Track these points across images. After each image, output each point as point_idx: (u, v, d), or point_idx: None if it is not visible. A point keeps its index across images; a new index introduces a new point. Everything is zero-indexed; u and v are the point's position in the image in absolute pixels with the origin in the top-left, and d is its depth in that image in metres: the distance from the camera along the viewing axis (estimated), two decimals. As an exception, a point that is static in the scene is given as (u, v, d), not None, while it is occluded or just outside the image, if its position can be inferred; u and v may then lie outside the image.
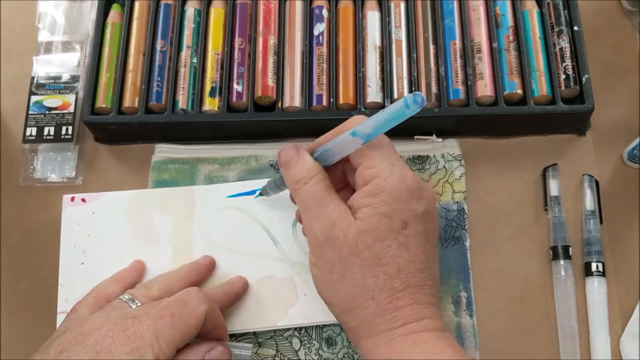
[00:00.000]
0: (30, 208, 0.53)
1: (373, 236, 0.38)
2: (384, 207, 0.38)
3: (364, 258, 0.38)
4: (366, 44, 0.54)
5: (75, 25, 0.59)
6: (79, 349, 0.36)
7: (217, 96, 0.53)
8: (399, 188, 0.38)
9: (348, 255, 0.38)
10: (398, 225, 0.38)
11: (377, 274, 0.38)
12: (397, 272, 0.38)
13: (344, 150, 0.40)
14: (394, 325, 0.37)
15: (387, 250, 0.38)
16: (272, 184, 0.47)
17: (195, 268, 0.47)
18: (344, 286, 0.38)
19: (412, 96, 0.36)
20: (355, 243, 0.38)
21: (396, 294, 0.38)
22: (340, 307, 0.39)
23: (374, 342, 0.38)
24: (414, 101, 0.36)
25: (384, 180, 0.38)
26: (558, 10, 0.54)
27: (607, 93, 0.55)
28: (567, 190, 0.52)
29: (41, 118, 0.54)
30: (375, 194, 0.38)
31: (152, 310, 0.38)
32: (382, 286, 0.38)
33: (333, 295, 0.40)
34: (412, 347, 0.36)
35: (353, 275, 0.38)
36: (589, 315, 0.48)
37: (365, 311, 0.38)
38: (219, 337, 0.42)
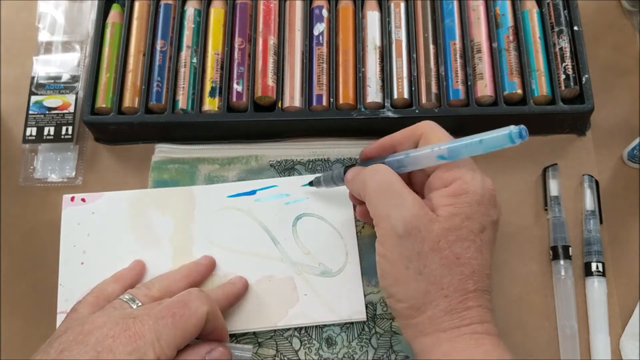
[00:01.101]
0: (30, 208, 0.53)
1: (455, 235, 0.38)
2: (467, 209, 0.38)
3: (444, 256, 0.37)
4: (366, 44, 0.54)
5: (75, 25, 0.59)
6: (79, 349, 0.36)
7: (217, 96, 0.53)
8: (481, 192, 0.39)
9: (428, 251, 0.37)
10: (477, 228, 0.38)
11: (454, 273, 0.37)
12: (472, 274, 0.38)
13: (420, 165, 0.41)
14: (461, 324, 0.37)
15: (466, 251, 0.38)
16: (328, 177, 0.47)
17: (196, 268, 0.47)
18: (419, 283, 0.38)
19: (517, 130, 0.35)
20: (438, 239, 0.37)
21: (467, 295, 0.38)
22: (409, 303, 0.38)
23: (437, 338, 0.37)
24: (519, 135, 0.35)
25: (466, 182, 0.38)
26: (558, 10, 0.54)
27: (607, 93, 0.55)
28: (567, 190, 0.52)
29: (41, 118, 0.54)
30: (458, 194, 0.38)
31: (154, 311, 0.38)
32: (457, 285, 0.37)
33: (405, 291, 0.38)
34: (475, 347, 0.37)
35: (431, 272, 0.37)
36: (589, 315, 0.48)
37: (437, 308, 0.38)
38: (220, 338, 0.42)
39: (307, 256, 0.48)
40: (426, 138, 0.41)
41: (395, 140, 0.43)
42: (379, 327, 0.47)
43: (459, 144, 0.38)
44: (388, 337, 0.47)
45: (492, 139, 0.37)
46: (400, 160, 0.41)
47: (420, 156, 0.40)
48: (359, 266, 0.48)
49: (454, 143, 0.38)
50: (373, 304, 0.48)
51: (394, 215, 0.38)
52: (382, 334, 0.47)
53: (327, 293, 0.47)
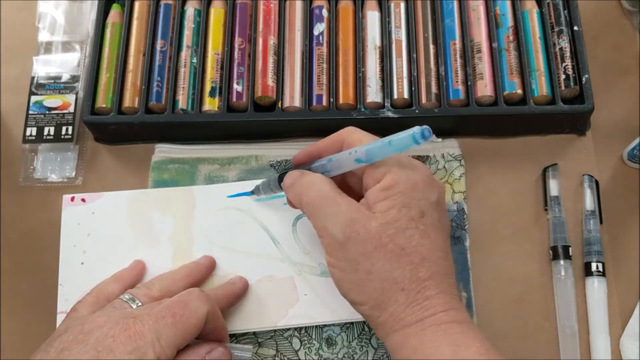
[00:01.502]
0: (30, 208, 0.53)
1: (395, 227, 0.37)
2: (402, 198, 0.38)
3: (388, 250, 0.37)
4: (366, 44, 0.54)
5: (75, 25, 0.59)
6: (79, 348, 0.36)
7: (217, 96, 0.53)
8: (413, 177, 0.39)
9: (372, 250, 0.37)
10: (417, 214, 0.38)
11: (403, 264, 0.37)
12: (422, 261, 0.37)
13: (343, 169, 0.41)
14: (424, 315, 0.37)
15: (410, 239, 0.37)
16: (265, 185, 0.47)
17: (196, 268, 0.47)
18: (372, 282, 0.38)
19: (419, 132, 0.35)
20: (379, 236, 0.37)
21: (423, 283, 0.37)
22: (370, 304, 0.38)
23: (405, 334, 0.37)
24: (422, 135, 0.36)
25: (395, 173, 0.38)
26: (558, 10, 0.54)
27: (607, 93, 0.55)
28: (567, 190, 0.52)
29: (41, 118, 0.54)
30: (391, 186, 0.38)
31: (154, 310, 0.38)
32: (410, 276, 0.37)
33: (362, 294, 0.39)
34: (442, 338, 0.36)
35: (380, 269, 0.37)
36: (589, 315, 0.48)
37: (397, 303, 0.37)
38: (220, 338, 0.42)
39: (307, 256, 0.48)
40: (347, 142, 0.41)
41: (320, 148, 0.43)
42: (379, 327, 0.47)
43: (371, 147, 0.38)
44: (388, 337, 0.47)
45: (399, 140, 0.37)
46: (324, 165, 0.42)
47: (340, 159, 0.40)
48: None
49: (367, 146, 0.39)
50: (373, 304, 0.48)
51: (330, 225, 0.39)
52: (382, 334, 0.47)
53: (327, 293, 0.47)
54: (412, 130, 0.36)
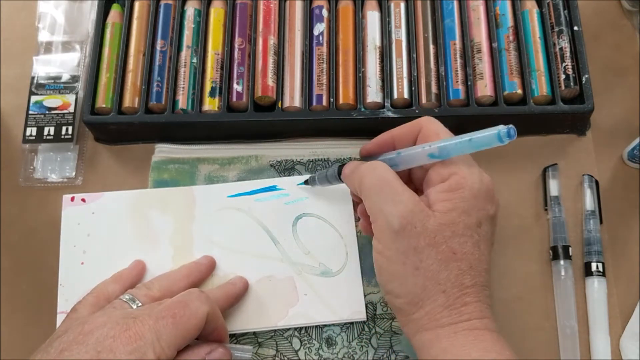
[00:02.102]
0: (30, 208, 0.53)
1: (451, 230, 0.37)
2: (464, 204, 0.38)
3: (440, 251, 0.37)
4: (366, 44, 0.54)
5: (75, 25, 0.59)
6: (80, 349, 0.36)
7: (217, 96, 0.53)
8: (478, 187, 0.39)
9: (425, 247, 0.37)
10: (474, 223, 0.38)
11: (451, 268, 0.37)
12: (469, 269, 0.38)
13: (413, 164, 0.41)
14: (460, 319, 0.37)
15: (463, 246, 0.38)
16: (322, 175, 0.47)
17: (196, 268, 0.47)
18: (416, 278, 0.38)
19: (506, 130, 0.36)
20: (434, 235, 0.37)
21: (465, 290, 0.38)
22: (407, 298, 0.38)
23: (436, 334, 0.37)
24: (507, 134, 0.36)
25: (463, 177, 0.38)
26: (558, 10, 0.54)
27: (607, 93, 0.55)
28: (567, 190, 0.52)
29: (41, 118, 0.54)
30: (454, 189, 0.38)
31: (154, 311, 0.38)
32: (454, 281, 0.37)
33: (401, 287, 0.38)
34: (474, 343, 0.37)
35: (428, 267, 0.37)
36: (589, 315, 0.48)
37: (435, 303, 0.38)
38: (220, 338, 0.42)
39: (307, 256, 0.48)
40: (424, 134, 0.41)
41: (394, 136, 0.43)
42: (379, 327, 0.47)
43: (448, 143, 0.38)
44: (388, 337, 0.47)
45: (481, 138, 0.37)
46: (392, 159, 0.42)
47: (412, 155, 0.40)
48: (359, 266, 0.48)
49: (444, 142, 0.39)
50: (373, 304, 0.48)
51: (389, 211, 0.38)
52: (382, 334, 0.47)
53: (327, 293, 0.47)
54: (497, 128, 0.36)
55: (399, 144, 0.43)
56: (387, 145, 0.44)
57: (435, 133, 0.40)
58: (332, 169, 0.46)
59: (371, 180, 0.40)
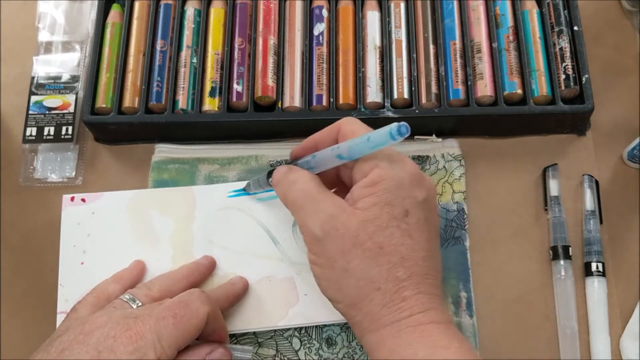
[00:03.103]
0: (30, 208, 0.53)
1: (375, 225, 0.37)
2: (386, 195, 0.37)
3: (366, 248, 0.37)
4: (366, 44, 0.54)
5: (75, 25, 0.59)
6: (80, 348, 0.36)
7: (217, 96, 0.53)
8: (400, 175, 0.38)
9: (350, 247, 0.37)
10: (400, 213, 0.37)
11: (381, 263, 0.37)
12: (401, 261, 0.37)
13: (327, 165, 0.40)
14: (401, 316, 0.36)
15: (390, 238, 0.37)
16: (255, 181, 0.47)
17: (196, 268, 0.47)
18: (348, 280, 0.37)
19: (396, 127, 0.35)
20: (357, 234, 0.37)
21: (401, 283, 0.37)
22: (345, 302, 0.38)
23: (381, 335, 0.37)
24: (399, 132, 0.35)
25: (384, 169, 0.38)
26: (558, 10, 0.54)
27: (607, 93, 0.55)
28: (567, 190, 0.52)
29: (41, 118, 0.54)
30: (376, 182, 0.38)
31: (155, 311, 0.38)
32: (387, 276, 0.37)
33: (337, 291, 0.38)
34: (419, 340, 0.36)
35: (356, 267, 0.37)
36: (589, 315, 0.48)
37: (372, 303, 0.37)
38: (220, 338, 0.42)
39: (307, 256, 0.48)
40: (342, 135, 0.41)
41: (317, 140, 0.43)
42: (379, 327, 0.47)
43: (351, 143, 0.38)
44: (388, 337, 0.47)
45: (376, 136, 0.36)
46: (308, 161, 0.41)
47: (323, 157, 0.40)
48: None
49: (349, 142, 0.38)
50: (373, 304, 0.48)
51: (311, 222, 0.38)
52: (382, 334, 0.47)
53: (327, 293, 0.47)
54: (390, 126, 0.35)
55: (321, 147, 0.42)
56: (310, 150, 0.43)
57: (351, 132, 0.40)
58: (263, 175, 0.45)
59: (292, 196, 0.40)
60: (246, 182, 0.51)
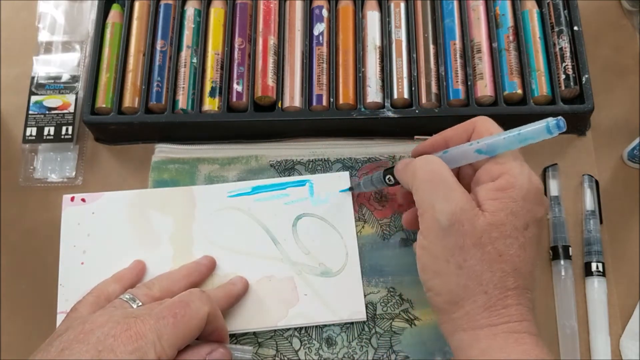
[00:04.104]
0: (30, 208, 0.53)
1: (499, 231, 0.37)
2: (512, 204, 0.37)
3: (486, 252, 0.37)
4: (366, 44, 0.54)
5: (75, 25, 0.59)
6: (80, 348, 0.36)
7: (217, 96, 0.53)
8: (527, 187, 0.38)
9: (470, 246, 0.37)
10: (521, 225, 0.38)
11: (495, 270, 0.37)
12: (513, 272, 0.37)
13: (462, 162, 0.40)
14: (499, 321, 0.37)
15: (509, 248, 0.37)
16: (367, 180, 0.47)
17: (196, 268, 0.47)
18: (459, 277, 0.37)
19: (555, 122, 0.35)
20: (481, 235, 0.37)
21: (507, 292, 0.37)
22: (447, 297, 0.38)
23: (476, 335, 0.37)
24: (557, 126, 0.35)
25: (513, 177, 0.38)
26: (558, 10, 0.54)
27: (607, 93, 0.55)
28: (567, 190, 0.52)
29: (41, 118, 0.54)
30: (504, 189, 0.38)
31: (155, 310, 0.38)
32: (497, 282, 0.37)
33: (444, 285, 0.38)
34: (513, 346, 0.36)
35: (472, 267, 0.37)
36: (589, 315, 0.48)
37: (475, 304, 0.37)
38: (220, 338, 0.42)
39: (307, 256, 0.48)
40: (477, 132, 0.41)
41: (446, 137, 0.43)
42: (379, 327, 0.47)
43: (496, 139, 0.38)
44: (388, 337, 0.47)
45: (530, 131, 0.37)
46: (439, 157, 0.41)
47: (460, 152, 0.40)
48: (359, 266, 0.48)
49: (491, 138, 0.38)
50: (373, 304, 0.48)
51: (439, 207, 0.38)
52: (382, 334, 0.47)
53: (327, 293, 0.47)
54: (546, 120, 0.35)
55: (451, 145, 0.42)
56: (440, 147, 0.43)
57: (487, 130, 0.40)
58: (378, 174, 0.46)
59: (424, 174, 0.39)
60: (247, 181, 0.51)
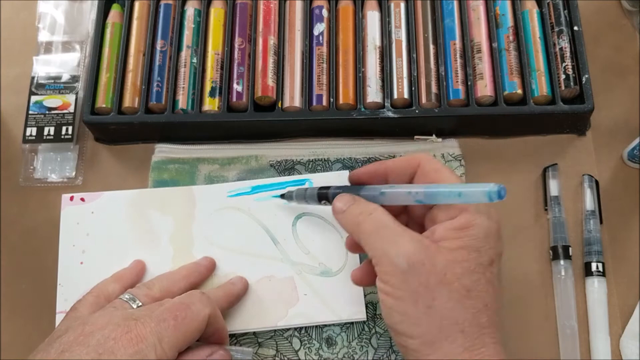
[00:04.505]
0: (30, 208, 0.53)
1: (463, 267, 0.36)
2: (474, 242, 0.37)
3: (453, 289, 0.36)
4: (366, 44, 0.54)
5: (75, 25, 0.59)
6: (80, 350, 0.36)
7: (217, 96, 0.53)
8: (488, 225, 0.38)
9: (436, 285, 0.36)
10: (486, 261, 0.37)
11: (467, 306, 0.36)
12: (485, 308, 0.36)
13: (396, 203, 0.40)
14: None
15: (477, 284, 0.36)
16: (300, 194, 0.46)
17: (196, 269, 0.47)
18: (431, 318, 0.36)
19: (496, 190, 0.34)
20: (444, 272, 0.36)
21: (483, 330, 0.36)
22: (422, 339, 0.36)
23: None
24: (498, 194, 0.34)
25: (473, 215, 0.37)
26: (558, 10, 0.54)
27: (607, 93, 0.55)
28: (567, 190, 0.52)
29: (41, 118, 0.54)
30: (464, 228, 0.37)
31: (155, 313, 0.38)
32: (471, 320, 0.36)
33: (415, 327, 0.36)
34: None
35: (443, 306, 0.36)
36: (589, 315, 0.48)
37: (454, 344, 0.36)
38: (220, 340, 0.42)
39: (307, 256, 0.48)
40: (424, 172, 0.40)
41: (388, 168, 0.42)
42: (379, 327, 0.47)
43: (436, 191, 0.37)
44: (388, 337, 0.47)
45: (471, 193, 0.35)
46: (375, 197, 0.40)
47: (398, 197, 0.39)
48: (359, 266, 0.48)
49: (432, 189, 0.37)
50: (373, 304, 0.48)
51: (393, 252, 0.37)
52: (382, 334, 0.47)
53: (327, 293, 0.47)
54: (487, 187, 0.34)
55: (392, 178, 0.41)
56: (379, 177, 0.42)
57: (435, 172, 0.39)
58: (312, 191, 0.45)
59: (367, 226, 0.39)
60: (247, 181, 0.51)
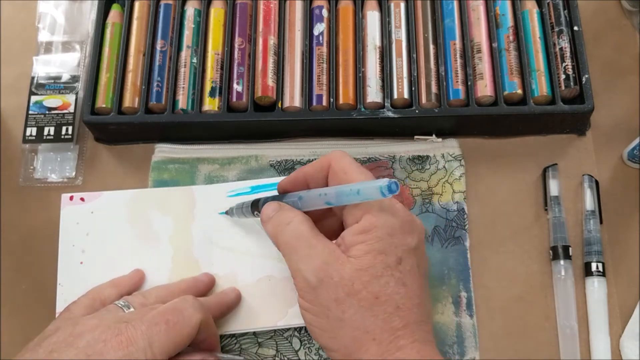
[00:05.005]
0: (30, 208, 0.53)
1: (369, 274, 0.36)
2: (379, 243, 0.37)
3: (361, 298, 0.36)
4: (366, 44, 0.54)
5: (75, 25, 0.59)
6: (69, 351, 0.36)
7: (217, 96, 0.53)
8: (391, 222, 0.37)
9: (345, 297, 0.36)
10: (393, 261, 0.37)
11: (376, 313, 0.36)
12: (396, 310, 0.36)
13: (316, 207, 0.40)
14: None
15: (385, 287, 0.36)
16: (239, 209, 0.46)
17: (195, 284, 0.46)
18: (343, 330, 0.36)
19: (387, 185, 0.34)
20: (352, 282, 0.36)
21: (397, 333, 0.36)
22: (341, 352, 0.37)
23: None
24: (389, 190, 0.34)
25: (375, 216, 0.37)
26: (558, 10, 0.54)
27: (607, 93, 0.55)
28: (567, 190, 0.52)
29: (41, 118, 0.54)
30: (367, 230, 0.37)
31: (147, 316, 0.38)
32: (383, 325, 0.36)
33: (332, 340, 0.37)
34: None
35: (352, 317, 0.36)
36: (589, 315, 0.48)
37: (368, 353, 0.36)
38: (211, 347, 0.41)
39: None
40: (333, 172, 0.40)
41: (306, 173, 0.42)
42: (378, 327, 0.47)
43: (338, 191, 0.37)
44: (388, 337, 0.47)
45: (366, 190, 0.35)
46: (295, 202, 0.40)
47: (311, 200, 0.39)
48: None
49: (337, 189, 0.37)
50: (373, 304, 0.48)
51: (304, 267, 0.37)
52: (382, 334, 0.47)
53: (327, 293, 0.47)
54: (380, 182, 0.34)
55: (311, 183, 0.41)
56: (300, 184, 0.42)
57: (342, 170, 0.39)
58: (247, 204, 0.45)
59: (285, 238, 0.39)
60: (247, 181, 0.51)
